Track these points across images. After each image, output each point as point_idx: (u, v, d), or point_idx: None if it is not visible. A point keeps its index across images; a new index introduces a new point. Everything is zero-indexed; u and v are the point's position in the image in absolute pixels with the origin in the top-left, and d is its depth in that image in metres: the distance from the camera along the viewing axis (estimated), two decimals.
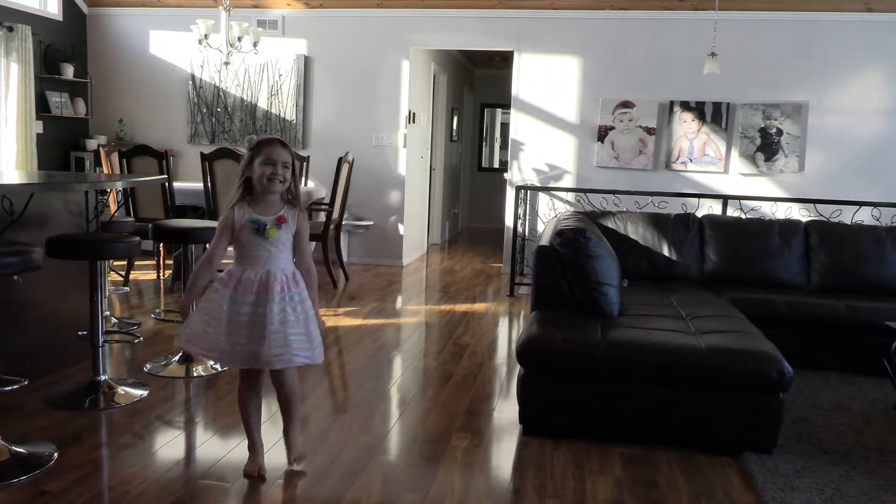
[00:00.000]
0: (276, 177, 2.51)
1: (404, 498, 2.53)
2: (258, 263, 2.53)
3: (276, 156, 2.51)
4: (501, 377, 3.96)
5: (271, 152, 2.51)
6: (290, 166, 2.55)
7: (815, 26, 6.46)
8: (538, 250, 3.63)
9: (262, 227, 2.52)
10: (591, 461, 2.86)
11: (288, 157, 2.55)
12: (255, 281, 2.50)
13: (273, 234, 2.52)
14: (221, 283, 2.54)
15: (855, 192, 6.11)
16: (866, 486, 2.67)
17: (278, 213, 2.55)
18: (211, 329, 2.51)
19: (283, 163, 2.53)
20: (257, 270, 2.52)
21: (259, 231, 2.52)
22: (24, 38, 6.48)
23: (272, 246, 2.53)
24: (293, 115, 7.23)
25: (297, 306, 2.53)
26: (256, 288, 2.50)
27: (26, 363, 3.38)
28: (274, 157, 2.51)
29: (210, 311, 2.52)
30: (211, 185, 5.55)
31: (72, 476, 2.57)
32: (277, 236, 2.53)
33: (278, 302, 2.49)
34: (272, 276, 2.51)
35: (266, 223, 2.52)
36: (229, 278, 2.53)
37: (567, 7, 6.72)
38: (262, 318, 2.48)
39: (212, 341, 2.51)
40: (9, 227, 3.20)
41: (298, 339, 2.52)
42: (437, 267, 7.61)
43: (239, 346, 2.50)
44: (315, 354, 2.57)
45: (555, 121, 6.93)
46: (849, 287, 4.51)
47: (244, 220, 2.53)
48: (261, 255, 2.53)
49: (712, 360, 2.95)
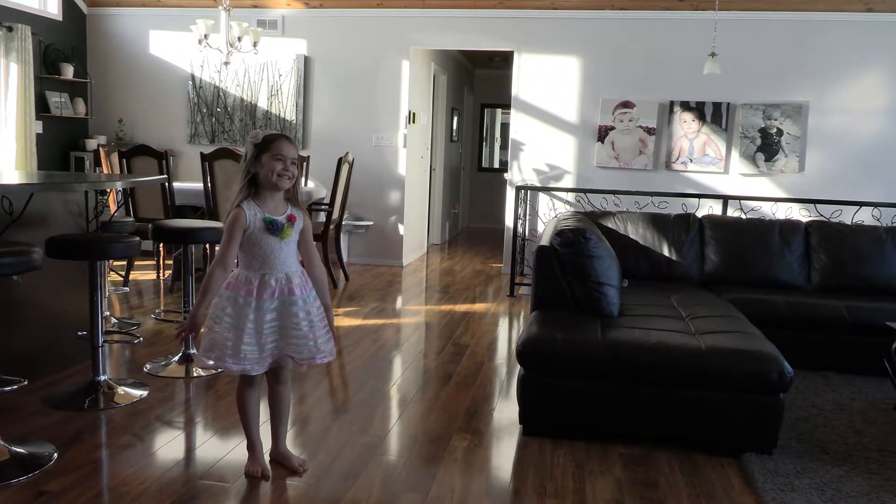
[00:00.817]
0: (287, 172, 2.44)
1: (404, 498, 2.52)
2: (274, 266, 2.46)
3: (286, 151, 2.44)
4: (501, 377, 3.96)
5: (281, 147, 2.43)
6: (296, 163, 2.49)
7: (815, 26, 6.46)
8: (538, 250, 3.63)
9: (279, 227, 2.44)
10: (591, 461, 2.86)
11: (295, 153, 2.49)
12: (276, 287, 2.45)
13: (289, 234, 2.47)
14: (233, 290, 2.45)
15: (855, 193, 6.11)
16: (866, 487, 2.67)
17: (286, 211, 2.49)
18: (236, 340, 2.42)
19: (292, 159, 2.46)
20: (275, 275, 2.46)
21: (275, 231, 2.44)
22: (23, 38, 6.47)
23: (285, 246, 2.48)
24: (293, 115, 7.23)
25: (312, 308, 2.51)
26: (278, 293, 2.45)
27: (26, 363, 3.37)
28: (283, 153, 2.43)
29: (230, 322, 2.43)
30: (211, 185, 5.55)
31: (71, 476, 2.56)
32: (291, 236, 2.49)
33: (301, 306, 2.48)
34: (291, 280, 2.47)
35: (282, 223, 2.45)
36: (247, 284, 2.44)
37: (567, 7, 6.72)
38: (287, 322, 2.46)
39: (239, 352, 2.42)
40: (8, 227, 3.20)
41: (324, 338, 2.54)
42: (437, 267, 7.61)
43: (267, 352, 2.48)
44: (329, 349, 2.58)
45: (555, 121, 6.93)
46: (849, 287, 4.51)
47: (257, 220, 2.44)
48: (276, 256, 2.46)
49: (712, 360, 2.95)
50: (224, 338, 2.43)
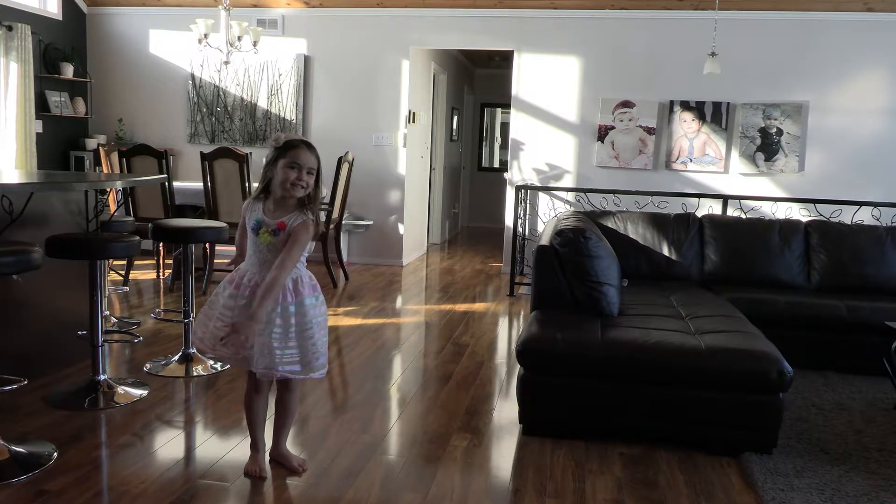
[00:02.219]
0: (300, 183, 2.38)
1: (404, 498, 2.52)
2: (254, 267, 2.45)
3: (302, 160, 2.38)
4: (501, 377, 3.96)
5: (297, 156, 2.37)
6: (314, 171, 2.42)
7: (815, 26, 6.46)
8: (538, 250, 3.63)
9: (257, 227, 2.42)
10: (591, 461, 2.86)
11: (314, 161, 2.42)
12: (248, 286, 2.42)
13: (264, 240, 2.41)
14: (228, 279, 2.50)
15: (855, 192, 6.11)
16: (866, 486, 2.67)
17: (283, 218, 2.41)
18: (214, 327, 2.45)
19: (309, 168, 2.39)
20: (253, 275, 2.43)
21: (254, 229, 2.43)
22: (23, 38, 6.47)
23: (267, 251, 2.42)
24: (293, 114, 7.23)
25: (291, 318, 2.41)
26: (248, 293, 2.41)
27: (26, 363, 3.37)
28: (299, 162, 2.38)
29: (213, 307, 2.49)
30: (211, 184, 5.55)
31: (71, 476, 2.56)
32: (270, 242, 2.40)
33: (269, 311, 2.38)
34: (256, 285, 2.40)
35: (261, 226, 2.42)
36: (234, 276, 2.49)
37: (567, 7, 6.71)
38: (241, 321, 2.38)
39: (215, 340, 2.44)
40: (8, 226, 3.19)
41: (288, 353, 2.42)
42: (436, 267, 7.61)
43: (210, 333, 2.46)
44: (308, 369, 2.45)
45: (555, 120, 6.93)
46: (849, 287, 4.51)
47: (250, 217, 2.45)
48: (256, 257, 2.45)
49: (712, 360, 2.95)
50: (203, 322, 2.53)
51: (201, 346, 2.55)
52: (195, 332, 2.58)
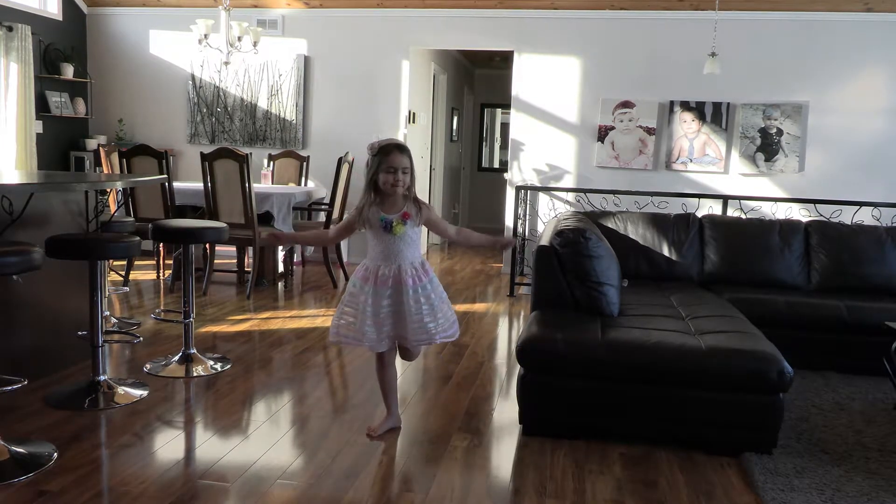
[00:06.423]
0: (399, 182, 2.77)
1: (404, 498, 2.53)
2: (389, 259, 2.82)
3: (396, 163, 2.76)
4: (501, 377, 3.96)
5: (392, 161, 2.76)
6: (409, 170, 2.79)
7: (815, 26, 6.46)
8: (538, 250, 3.63)
9: (389, 225, 2.79)
10: (591, 461, 2.86)
11: (407, 161, 2.79)
12: (389, 276, 2.80)
13: (399, 231, 2.80)
14: (361, 279, 2.85)
15: (855, 193, 6.11)
16: (866, 486, 2.67)
17: (402, 209, 2.81)
18: (357, 321, 2.82)
19: (403, 168, 2.77)
20: (389, 266, 2.81)
21: (387, 228, 2.79)
22: (23, 38, 6.48)
23: (400, 241, 2.81)
24: (293, 115, 7.23)
25: (431, 294, 2.86)
26: (392, 282, 2.80)
27: (26, 363, 3.37)
28: (395, 165, 2.76)
29: (354, 305, 2.85)
30: (211, 184, 5.55)
31: (71, 476, 2.56)
32: (404, 232, 2.80)
33: (412, 295, 2.81)
34: (403, 271, 2.81)
35: (392, 220, 2.79)
36: (367, 274, 2.84)
37: (567, 7, 6.72)
38: (401, 308, 2.81)
39: (360, 332, 2.82)
40: (9, 226, 3.19)
41: (436, 324, 2.86)
42: (436, 267, 7.60)
43: (385, 334, 2.85)
44: (451, 333, 2.94)
45: (555, 121, 6.93)
46: (849, 287, 4.51)
47: (374, 220, 2.80)
48: (391, 250, 2.82)
49: (712, 360, 2.95)
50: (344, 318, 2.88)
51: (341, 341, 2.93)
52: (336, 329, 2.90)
